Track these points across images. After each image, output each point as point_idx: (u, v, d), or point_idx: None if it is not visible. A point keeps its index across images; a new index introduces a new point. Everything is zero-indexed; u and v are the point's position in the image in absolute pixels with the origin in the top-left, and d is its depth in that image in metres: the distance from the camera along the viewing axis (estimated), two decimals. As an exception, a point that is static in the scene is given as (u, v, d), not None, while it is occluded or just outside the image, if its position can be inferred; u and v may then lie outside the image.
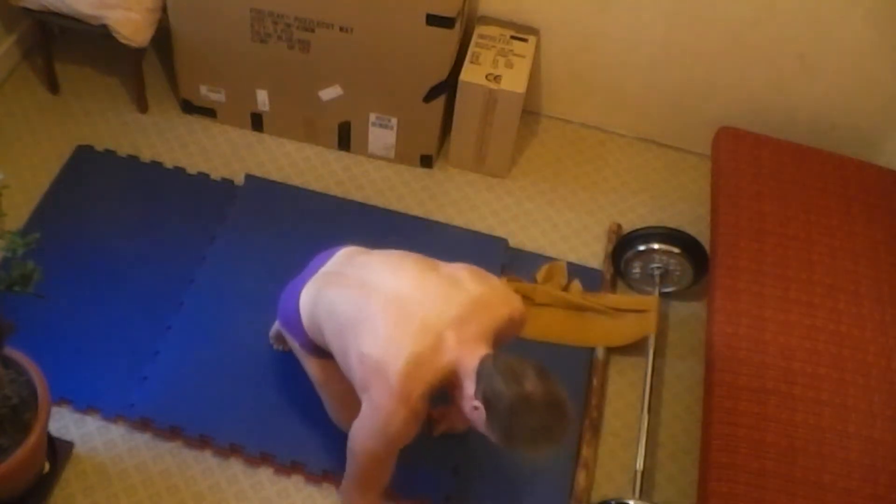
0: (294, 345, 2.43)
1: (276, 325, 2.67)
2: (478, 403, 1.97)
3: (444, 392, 2.10)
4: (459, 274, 2.17)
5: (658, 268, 2.94)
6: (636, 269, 2.98)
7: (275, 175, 3.18)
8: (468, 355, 2.01)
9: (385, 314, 2.07)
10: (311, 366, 2.41)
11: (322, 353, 2.34)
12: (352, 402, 2.36)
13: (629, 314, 2.86)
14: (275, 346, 2.71)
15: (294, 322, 2.34)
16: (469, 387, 1.99)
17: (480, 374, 1.97)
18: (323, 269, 2.35)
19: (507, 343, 2.22)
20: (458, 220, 3.12)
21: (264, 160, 3.22)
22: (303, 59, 3.03)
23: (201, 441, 2.53)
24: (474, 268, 2.23)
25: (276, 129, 3.28)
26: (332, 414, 2.50)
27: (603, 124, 3.47)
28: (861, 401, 2.32)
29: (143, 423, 2.54)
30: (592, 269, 3.04)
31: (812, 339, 2.42)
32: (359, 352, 2.07)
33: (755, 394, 2.31)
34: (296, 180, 3.17)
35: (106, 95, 3.32)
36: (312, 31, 2.95)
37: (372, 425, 2.08)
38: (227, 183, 3.13)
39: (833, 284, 2.53)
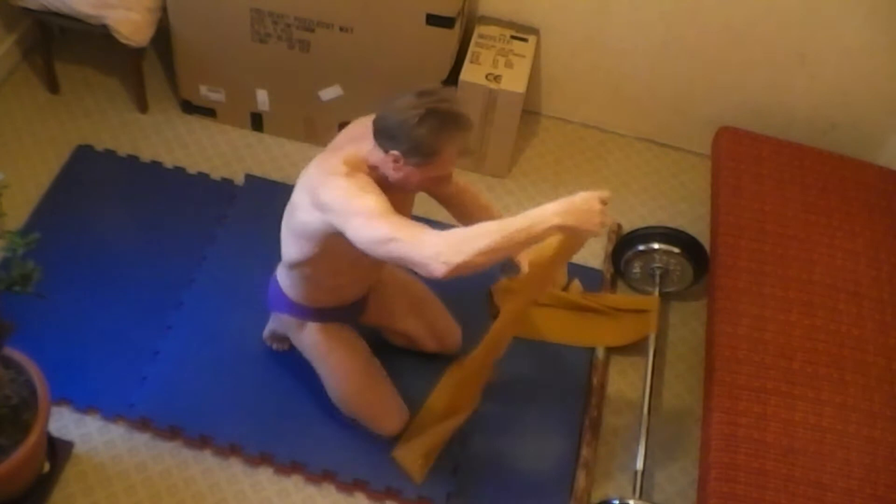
0: (291, 324, 2.46)
1: (270, 325, 2.68)
2: (392, 153, 2.04)
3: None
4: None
5: (658, 268, 2.94)
6: (636, 269, 2.98)
7: (275, 175, 3.18)
8: (363, 144, 2.11)
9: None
10: (310, 335, 2.45)
11: (320, 315, 2.41)
12: (355, 371, 2.46)
13: (629, 314, 2.86)
14: (273, 346, 2.71)
15: (281, 298, 2.43)
16: (380, 154, 2.07)
17: (376, 135, 2.06)
18: None
19: None
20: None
21: (264, 160, 3.22)
22: (303, 59, 3.03)
23: (201, 441, 2.53)
24: None
25: (276, 129, 3.28)
26: (335, 391, 2.52)
27: (603, 124, 3.47)
28: (861, 401, 2.32)
29: (142, 423, 2.54)
30: (592, 269, 3.04)
31: (812, 339, 2.42)
32: (293, 206, 2.19)
33: (755, 394, 2.31)
34: (296, 180, 3.16)
35: (106, 95, 3.32)
36: (312, 31, 2.95)
37: (343, 200, 2.01)
38: (227, 183, 3.13)
39: (833, 284, 2.53)
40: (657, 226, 3.01)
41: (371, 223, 1.95)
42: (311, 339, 2.46)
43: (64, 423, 2.52)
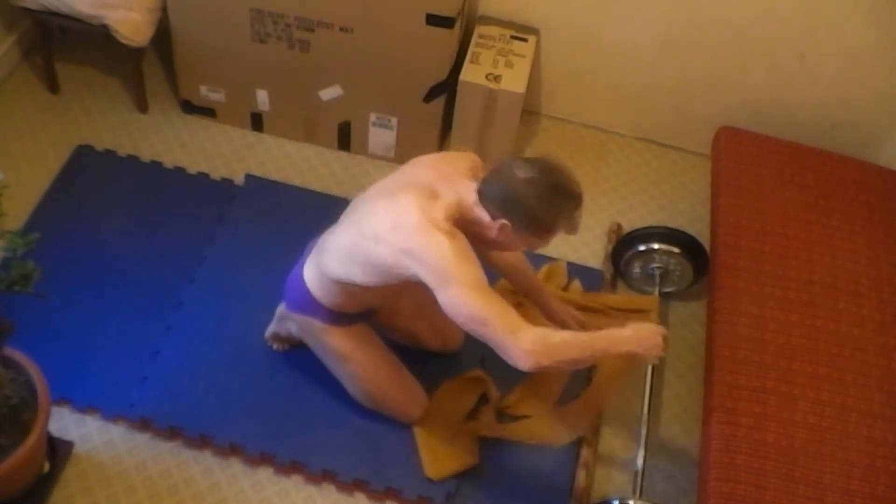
0: (314, 326, 2.42)
1: (273, 326, 2.67)
2: (501, 222, 2.08)
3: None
4: (414, 158, 2.34)
5: (658, 268, 2.94)
6: (636, 269, 2.98)
7: (275, 175, 3.18)
8: (463, 192, 2.13)
9: (374, 202, 2.20)
10: (336, 339, 2.43)
11: (346, 319, 2.40)
12: (379, 369, 2.47)
13: (629, 314, 2.86)
14: (274, 347, 2.71)
15: (308, 301, 2.38)
16: (483, 215, 2.10)
17: (482, 197, 2.10)
18: (316, 247, 2.43)
19: None
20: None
21: (264, 160, 3.22)
22: (303, 59, 3.03)
23: (201, 441, 2.53)
24: None
25: (276, 129, 3.28)
26: (358, 389, 2.53)
27: (603, 124, 3.47)
28: (861, 401, 2.32)
29: (142, 423, 2.54)
30: (592, 269, 3.04)
31: (812, 339, 2.42)
32: (375, 239, 2.13)
33: (755, 394, 2.31)
34: (296, 180, 3.17)
35: (106, 95, 3.32)
36: (312, 31, 2.95)
37: (437, 266, 2.04)
38: (227, 183, 3.13)
39: (833, 284, 2.53)
40: (657, 226, 3.01)
41: (469, 299, 2.03)
42: (336, 341, 2.44)
43: (64, 423, 2.52)
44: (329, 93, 3.12)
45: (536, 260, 3.02)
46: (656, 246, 2.92)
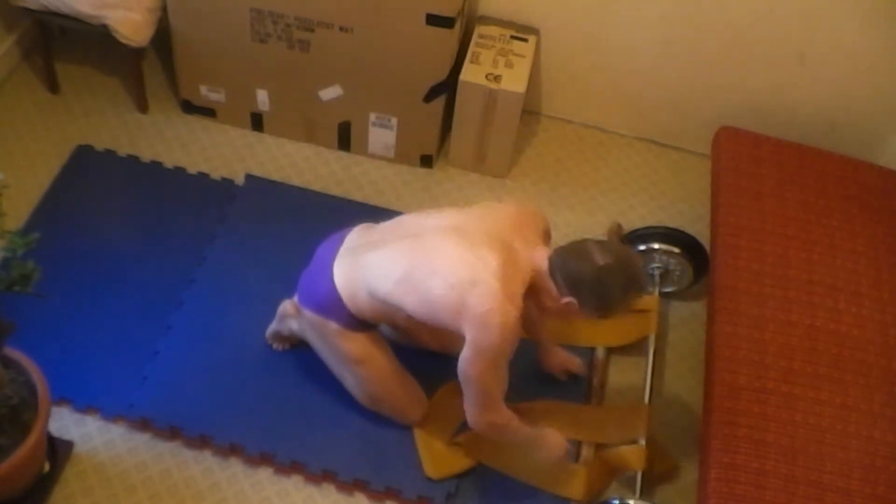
0: (328, 328, 2.40)
1: (275, 325, 2.67)
2: (567, 299, 2.16)
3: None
4: (488, 203, 2.42)
5: (658, 268, 2.94)
6: (636, 269, 2.98)
7: (275, 175, 3.18)
8: (538, 258, 2.19)
9: (453, 243, 2.20)
10: (353, 343, 2.42)
11: (364, 326, 2.39)
12: (387, 373, 2.48)
13: (629, 314, 2.86)
14: (275, 346, 2.71)
15: (332, 304, 2.36)
16: (552, 287, 2.17)
17: (554, 270, 2.16)
18: (344, 248, 2.40)
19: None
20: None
21: (264, 160, 3.22)
22: (303, 59, 3.03)
23: (201, 441, 2.53)
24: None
25: (276, 129, 3.28)
26: (363, 391, 2.53)
27: (603, 124, 3.47)
28: (861, 401, 2.32)
29: (142, 423, 2.54)
30: (592, 269, 3.03)
31: (812, 339, 2.42)
32: (444, 283, 2.16)
33: (755, 394, 2.31)
34: (296, 180, 3.17)
35: (106, 95, 3.32)
36: (312, 31, 2.95)
37: (489, 341, 2.14)
38: (227, 183, 3.13)
39: (833, 284, 2.53)
40: (657, 226, 3.01)
41: (480, 370, 2.19)
42: (350, 345, 2.42)
43: (64, 423, 2.52)
44: (329, 93, 3.12)
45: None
46: (656, 246, 2.92)
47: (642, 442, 2.54)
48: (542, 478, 2.53)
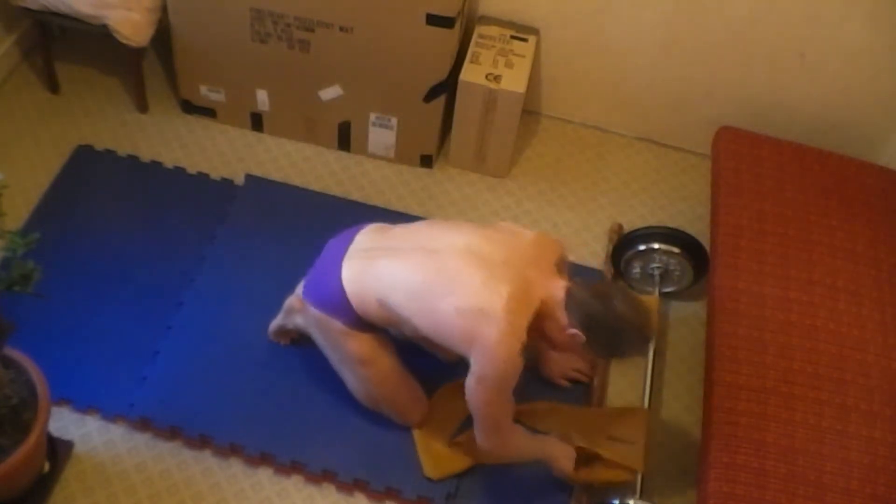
0: (333, 326, 2.39)
1: (280, 320, 2.66)
2: (574, 332, 2.17)
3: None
4: (507, 226, 2.44)
5: (658, 268, 2.94)
6: (636, 269, 2.98)
7: (275, 175, 3.18)
8: (553, 287, 2.21)
9: (469, 267, 2.21)
10: (358, 343, 2.41)
11: (370, 327, 2.39)
12: (390, 374, 2.47)
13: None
14: (281, 343, 2.70)
15: (338, 303, 2.35)
16: (562, 317, 2.18)
17: (571, 303, 2.17)
18: (355, 248, 2.38)
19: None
20: (459, 220, 3.12)
21: (264, 160, 3.22)
22: (303, 59, 3.03)
23: (201, 441, 2.53)
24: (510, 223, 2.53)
25: (276, 129, 3.28)
26: (364, 391, 2.53)
27: (603, 124, 3.47)
28: (861, 401, 2.32)
29: (142, 423, 2.54)
30: (592, 269, 3.03)
31: (812, 339, 2.42)
32: (455, 308, 2.18)
33: (755, 394, 2.31)
34: (296, 180, 3.17)
35: (106, 95, 3.32)
36: (312, 31, 2.95)
37: (492, 373, 2.18)
38: (227, 183, 3.13)
39: (833, 284, 2.53)
40: (657, 226, 3.01)
41: (486, 398, 2.22)
42: (356, 345, 2.42)
43: (64, 423, 2.52)
44: (329, 93, 3.12)
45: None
46: (656, 246, 2.92)
47: (642, 443, 2.54)
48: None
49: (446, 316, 2.20)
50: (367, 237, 2.41)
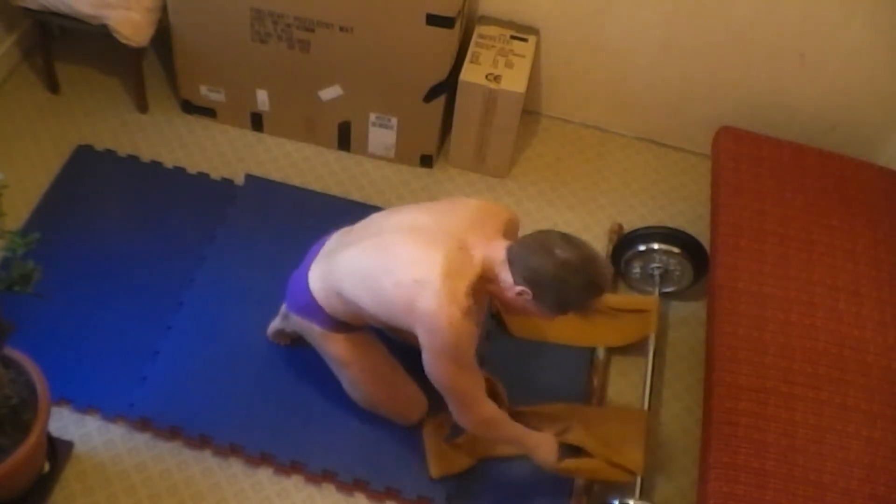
0: (314, 331, 2.42)
1: (277, 323, 2.67)
2: (520, 288, 2.09)
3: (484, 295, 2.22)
4: (454, 198, 2.41)
5: (658, 268, 2.94)
6: (636, 269, 2.98)
7: (275, 175, 3.18)
8: (493, 249, 2.13)
9: (406, 240, 2.18)
10: (336, 345, 2.43)
11: (346, 327, 2.39)
12: (379, 375, 2.47)
13: (629, 314, 2.86)
14: (281, 343, 2.71)
15: (310, 306, 2.37)
16: (506, 277, 2.11)
17: (512, 260, 2.09)
18: (322, 252, 2.42)
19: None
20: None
21: (264, 160, 3.22)
22: (303, 59, 3.03)
23: (201, 441, 2.53)
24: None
25: (276, 129, 3.28)
26: (357, 392, 2.53)
27: (603, 124, 3.47)
28: (861, 401, 2.32)
29: (142, 423, 2.54)
30: (592, 269, 3.03)
31: (812, 339, 2.42)
32: (394, 282, 2.13)
33: (755, 394, 2.31)
34: (296, 180, 3.17)
35: (106, 95, 3.32)
36: (312, 31, 2.95)
37: (440, 343, 2.11)
38: (227, 183, 3.13)
39: (833, 284, 2.53)
40: (657, 226, 3.01)
41: (448, 373, 2.16)
42: (336, 347, 2.43)
43: (64, 423, 2.52)
44: (329, 93, 3.12)
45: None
46: (656, 246, 2.92)
47: (641, 447, 2.53)
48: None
49: (386, 293, 2.15)
50: (333, 240, 2.44)
